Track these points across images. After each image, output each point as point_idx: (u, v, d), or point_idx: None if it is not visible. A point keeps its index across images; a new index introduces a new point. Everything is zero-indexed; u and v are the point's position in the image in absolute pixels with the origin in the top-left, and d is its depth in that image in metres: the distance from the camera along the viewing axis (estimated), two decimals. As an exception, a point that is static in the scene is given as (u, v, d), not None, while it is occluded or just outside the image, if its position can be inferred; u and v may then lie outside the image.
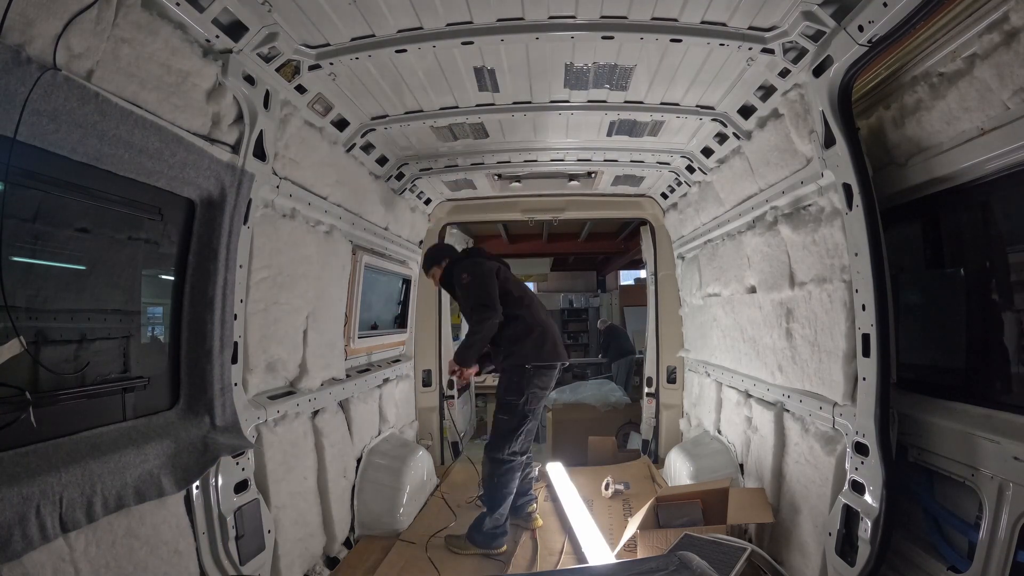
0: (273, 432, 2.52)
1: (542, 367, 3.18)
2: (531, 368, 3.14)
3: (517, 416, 3.13)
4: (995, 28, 1.65)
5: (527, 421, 3.15)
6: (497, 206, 4.72)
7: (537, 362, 3.16)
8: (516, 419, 3.13)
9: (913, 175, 2.12)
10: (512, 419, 3.13)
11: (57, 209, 1.72)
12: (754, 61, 2.32)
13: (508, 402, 3.15)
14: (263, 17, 1.97)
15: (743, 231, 3.21)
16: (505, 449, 3.11)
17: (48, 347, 1.69)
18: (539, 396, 3.20)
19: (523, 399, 3.11)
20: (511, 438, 3.12)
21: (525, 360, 3.15)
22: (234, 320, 2.20)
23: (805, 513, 2.50)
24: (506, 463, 3.11)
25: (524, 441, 3.17)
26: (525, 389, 3.12)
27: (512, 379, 3.17)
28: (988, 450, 1.76)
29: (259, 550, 2.28)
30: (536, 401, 3.18)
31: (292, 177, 2.59)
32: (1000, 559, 1.69)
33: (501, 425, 3.17)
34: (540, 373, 3.18)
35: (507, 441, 3.12)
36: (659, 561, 2.21)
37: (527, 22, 2.16)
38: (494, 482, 3.12)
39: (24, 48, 1.34)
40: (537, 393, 3.18)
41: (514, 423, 3.12)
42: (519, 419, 3.13)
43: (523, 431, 3.14)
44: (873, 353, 2.03)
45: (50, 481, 1.46)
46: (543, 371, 3.19)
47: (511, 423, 3.13)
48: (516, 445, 3.13)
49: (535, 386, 3.16)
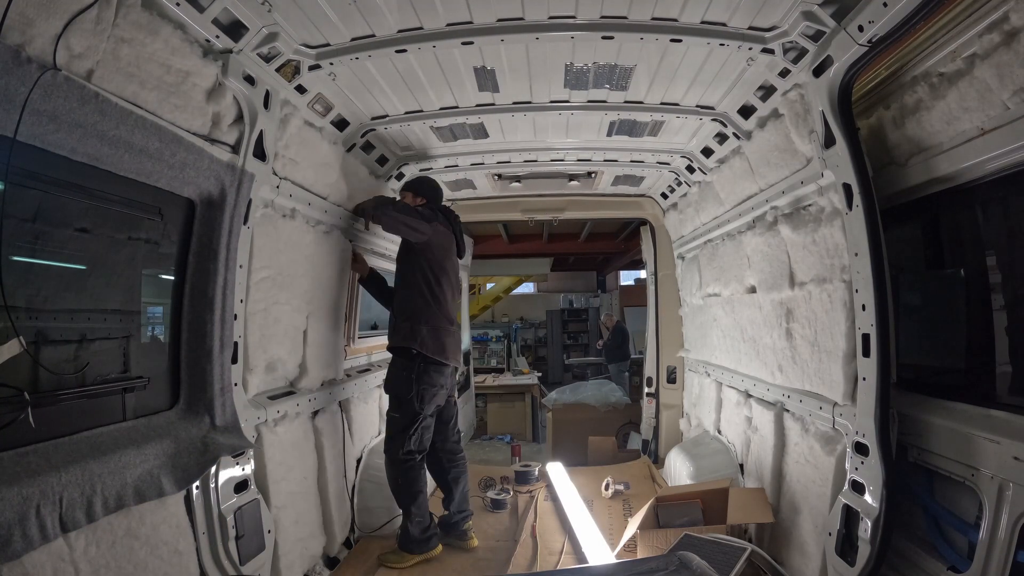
0: (273, 432, 2.52)
1: (432, 362, 2.96)
2: (419, 356, 2.92)
3: (408, 414, 2.92)
4: (995, 28, 1.65)
5: (419, 418, 2.93)
6: (497, 206, 4.72)
7: (429, 352, 2.94)
8: (407, 417, 2.92)
9: (913, 175, 2.12)
10: (403, 417, 2.93)
11: (57, 209, 1.72)
12: (754, 61, 2.32)
13: (397, 398, 2.96)
14: (263, 17, 1.97)
15: (743, 231, 3.21)
16: (400, 449, 2.92)
17: (48, 347, 1.69)
18: (432, 394, 2.97)
19: (412, 394, 2.90)
20: (403, 437, 2.91)
21: (414, 343, 2.92)
22: (234, 320, 2.20)
23: (805, 513, 2.50)
24: (404, 463, 2.93)
25: (419, 440, 2.95)
26: (414, 384, 2.91)
27: (400, 371, 2.97)
28: (988, 450, 1.76)
29: (259, 550, 2.28)
30: (430, 399, 2.96)
31: (292, 177, 2.59)
32: (1000, 559, 1.69)
33: (392, 424, 2.98)
34: (430, 369, 2.95)
35: (400, 440, 2.92)
36: (659, 561, 2.22)
37: (527, 22, 2.16)
38: (399, 484, 2.97)
39: (24, 48, 1.34)
40: (429, 391, 2.95)
41: (405, 421, 2.92)
42: (410, 417, 2.91)
43: (416, 429, 2.93)
44: (873, 353, 2.03)
45: (50, 481, 1.46)
46: (434, 367, 2.97)
47: (402, 421, 2.93)
48: (411, 444, 2.92)
49: (425, 383, 2.93)
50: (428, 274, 3.03)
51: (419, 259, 3.03)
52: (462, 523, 3.20)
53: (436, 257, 3.05)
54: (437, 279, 3.05)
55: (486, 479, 4.21)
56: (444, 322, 3.03)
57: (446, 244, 3.14)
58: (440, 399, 3.07)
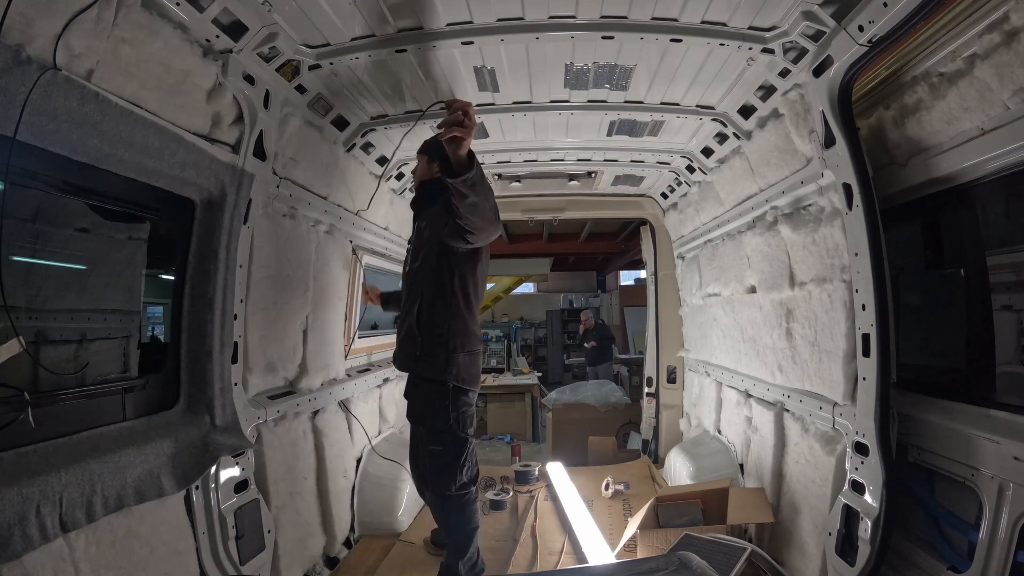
0: (273, 432, 2.52)
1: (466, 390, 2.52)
2: (452, 388, 2.45)
3: (453, 444, 2.50)
4: (995, 28, 1.65)
5: (467, 445, 2.54)
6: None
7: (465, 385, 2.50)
8: (453, 448, 2.50)
9: (913, 175, 2.12)
10: (447, 449, 2.51)
11: (57, 209, 1.72)
12: (754, 61, 2.32)
13: (436, 430, 2.51)
14: (263, 17, 1.97)
15: (743, 231, 3.21)
16: (452, 484, 2.51)
17: (48, 347, 1.69)
18: (470, 415, 2.57)
19: (452, 422, 2.47)
20: (454, 471, 2.50)
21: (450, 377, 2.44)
22: (234, 320, 2.20)
23: (805, 513, 2.50)
24: (460, 499, 2.55)
25: (471, 468, 2.56)
26: (451, 410, 2.47)
27: (432, 401, 2.50)
28: (988, 450, 1.76)
29: (259, 550, 2.28)
30: (469, 421, 2.56)
31: (292, 177, 2.59)
32: (1000, 559, 1.69)
33: (437, 459, 2.52)
34: (468, 391, 2.54)
35: (451, 475, 2.51)
36: (659, 561, 2.21)
37: (527, 22, 2.16)
38: (452, 521, 2.58)
39: (24, 48, 1.34)
40: (467, 412, 2.54)
41: (452, 453, 2.50)
42: (457, 447, 2.51)
43: (466, 457, 2.53)
44: (873, 353, 2.03)
45: (50, 481, 1.46)
46: (468, 392, 2.55)
47: (449, 454, 2.50)
48: (464, 476, 2.52)
49: (463, 403, 2.50)
50: (471, 285, 2.47)
51: (465, 265, 2.44)
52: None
53: (482, 263, 2.51)
54: (475, 291, 2.51)
55: (486, 479, 4.21)
56: (478, 342, 2.59)
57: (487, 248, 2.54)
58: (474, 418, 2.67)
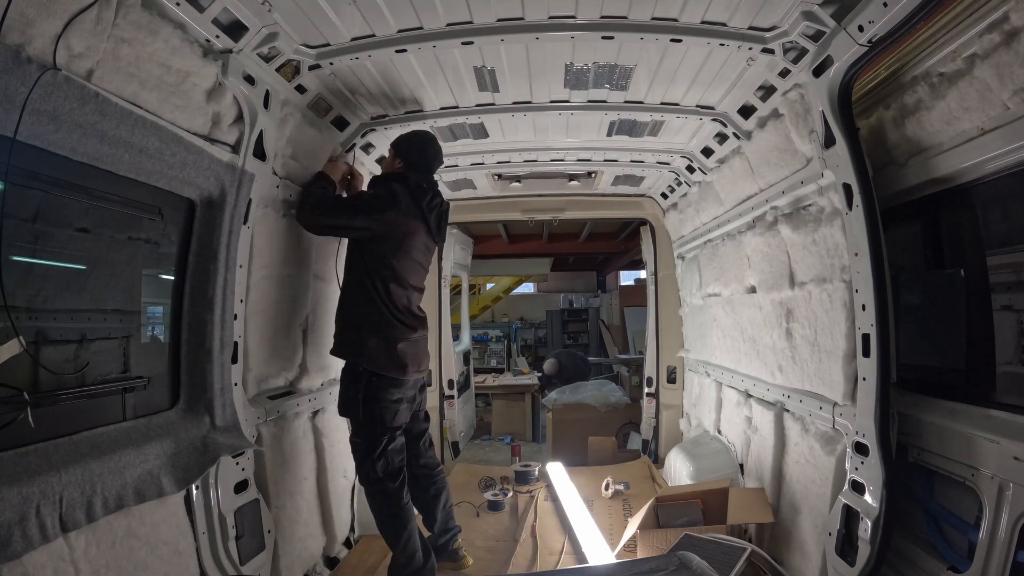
0: (273, 432, 2.52)
1: (386, 378, 2.45)
2: (366, 372, 2.44)
3: (367, 436, 2.47)
4: (995, 28, 1.65)
5: (381, 441, 2.46)
6: (497, 206, 4.71)
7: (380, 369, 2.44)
8: (367, 440, 2.47)
9: (913, 175, 2.12)
10: (363, 441, 2.47)
11: (57, 209, 1.72)
12: (754, 61, 2.32)
13: (353, 421, 2.51)
14: (263, 17, 1.97)
15: (743, 231, 3.21)
16: (367, 478, 2.49)
17: (48, 347, 1.69)
18: (393, 411, 2.47)
19: (363, 415, 2.45)
20: (368, 464, 2.47)
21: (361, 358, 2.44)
22: (234, 320, 2.20)
23: (805, 513, 2.50)
24: (378, 492, 2.51)
25: (388, 464, 2.48)
26: (363, 404, 2.44)
27: (347, 391, 2.49)
28: (988, 450, 1.76)
29: (259, 550, 2.28)
30: (391, 417, 2.47)
31: (292, 177, 2.59)
32: (1000, 559, 1.69)
33: (354, 450, 2.54)
34: (384, 383, 2.45)
35: (366, 468, 2.48)
36: (659, 561, 2.22)
37: (527, 22, 2.16)
38: (382, 518, 2.54)
39: (24, 48, 1.34)
40: (388, 408, 2.46)
41: (366, 445, 2.47)
42: (370, 440, 2.46)
43: (381, 452, 2.46)
44: (873, 353, 2.03)
45: (50, 481, 1.46)
46: (389, 382, 2.47)
47: (363, 446, 2.48)
48: (378, 470, 2.46)
49: (380, 400, 2.44)
50: (380, 271, 2.46)
51: (366, 255, 2.49)
52: (451, 543, 2.86)
53: (390, 250, 2.48)
54: (394, 276, 2.48)
55: (486, 479, 4.21)
56: (401, 330, 2.50)
57: (407, 232, 2.52)
58: (404, 416, 2.58)
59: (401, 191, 2.52)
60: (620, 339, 11.74)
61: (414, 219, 2.55)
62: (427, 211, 2.59)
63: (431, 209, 2.61)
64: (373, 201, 2.49)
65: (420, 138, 2.76)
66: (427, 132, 2.85)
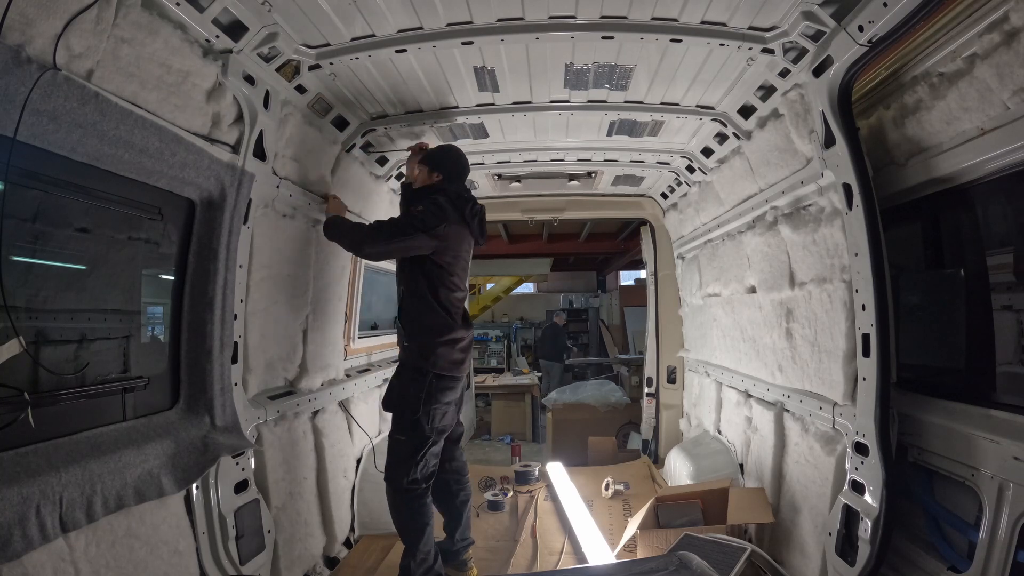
0: (273, 432, 2.52)
1: (447, 378, 2.59)
2: (432, 376, 2.55)
3: (416, 437, 2.54)
4: (995, 28, 1.65)
5: (429, 442, 2.55)
6: (497, 206, 4.71)
7: (444, 371, 2.57)
8: (415, 440, 2.54)
9: (913, 175, 2.12)
10: (410, 440, 2.55)
11: (57, 209, 1.72)
12: (754, 61, 2.32)
13: (404, 419, 2.57)
14: (263, 17, 1.97)
15: (743, 231, 3.21)
16: (404, 477, 2.53)
17: (48, 347, 1.69)
18: (443, 412, 2.61)
19: (420, 414, 2.53)
20: (409, 464, 2.53)
21: (427, 364, 2.55)
22: (234, 320, 2.20)
23: (805, 513, 2.50)
24: (408, 492, 2.55)
25: (427, 466, 2.57)
26: (423, 404, 2.53)
27: (408, 387, 2.57)
28: (988, 450, 1.76)
29: (259, 550, 2.28)
30: (440, 418, 2.60)
31: (292, 177, 2.59)
32: (1000, 559, 1.69)
33: (397, 448, 2.59)
34: (444, 384, 2.58)
35: (406, 468, 2.54)
36: (659, 561, 2.22)
37: (527, 22, 2.16)
38: (402, 516, 2.57)
39: (24, 48, 1.34)
40: (440, 409, 2.59)
41: (413, 445, 2.54)
42: (419, 440, 2.54)
43: (425, 454, 2.55)
44: (873, 353, 2.03)
45: (50, 481, 1.46)
46: (448, 381, 2.60)
47: (409, 445, 2.54)
48: (418, 472, 2.54)
49: (437, 401, 2.56)
50: (439, 279, 2.60)
51: (426, 265, 2.60)
52: (463, 551, 2.88)
53: (448, 259, 2.62)
54: (451, 282, 2.64)
55: (486, 479, 4.21)
56: (459, 331, 2.65)
57: (459, 240, 2.68)
58: (451, 418, 2.74)
59: (446, 203, 2.65)
60: (620, 339, 11.75)
61: (460, 225, 2.70)
62: (470, 218, 2.74)
63: (473, 215, 2.77)
64: (427, 218, 2.57)
65: (452, 151, 2.88)
66: (455, 146, 2.98)
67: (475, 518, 3.56)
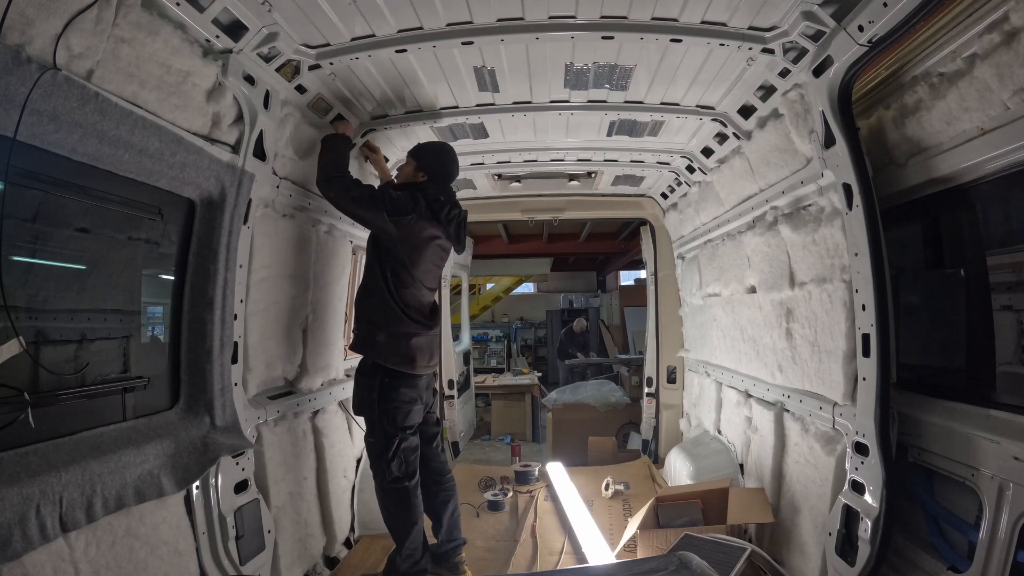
0: (273, 432, 2.52)
1: (398, 375, 2.53)
2: (379, 369, 2.53)
3: (381, 437, 2.52)
4: (995, 28, 1.65)
5: (395, 440, 2.51)
6: (497, 206, 4.71)
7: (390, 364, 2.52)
8: (381, 440, 2.52)
9: (913, 175, 2.12)
10: (377, 441, 2.53)
11: (57, 209, 1.72)
12: (754, 61, 2.32)
13: (367, 421, 2.57)
14: (263, 17, 1.97)
15: (743, 231, 3.21)
16: (383, 477, 2.54)
17: (48, 347, 1.69)
18: (406, 411, 2.54)
19: (377, 415, 2.51)
20: (383, 464, 2.53)
21: (370, 352, 2.55)
22: (234, 320, 2.20)
23: (805, 513, 2.50)
24: (391, 492, 2.56)
25: (403, 463, 2.54)
26: (378, 404, 2.51)
27: (361, 389, 2.58)
28: (988, 450, 1.76)
29: (259, 550, 2.28)
30: (404, 417, 2.53)
31: (292, 177, 2.59)
32: (1000, 559, 1.69)
33: (369, 450, 2.60)
34: (397, 383, 2.53)
35: (381, 467, 2.54)
36: (659, 561, 2.22)
37: (527, 22, 2.16)
38: (389, 512, 2.59)
39: (24, 48, 1.34)
40: (402, 408, 2.53)
41: (380, 445, 2.52)
42: (385, 439, 2.52)
43: (395, 452, 2.52)
44: (873, 353, 2.03)
45: (50, 481, 1.46)
46: (402, 380, 2.54)
47: (378, 446, 2.53)
48: (394, 470, 2.52)
49: (393, 400, 2.51)
50: (395, 269, 2.56)
51: (383, 252, 2.58)
52: (453, 554, 2.80)
53: (407, 253, 2.57)
54: (408, 275, 2.58)
55: (486, 479, 4.21)
56: (412, 326, 2.58)
57: (424, 237, 2.61)
58: (417, 417, 2.63)
59: (422, 200, 2.63)
60: (620, 339, 11.74)
61: (431, 225, 2.64)
62: (446, 222, 2.69)
63: (450, 220, 2.71)
64: (399, 204, 2.56)
65: (439, 150, 2.85)
66: (445, 143, 2.95)
67: (475, 518, 3.57)
